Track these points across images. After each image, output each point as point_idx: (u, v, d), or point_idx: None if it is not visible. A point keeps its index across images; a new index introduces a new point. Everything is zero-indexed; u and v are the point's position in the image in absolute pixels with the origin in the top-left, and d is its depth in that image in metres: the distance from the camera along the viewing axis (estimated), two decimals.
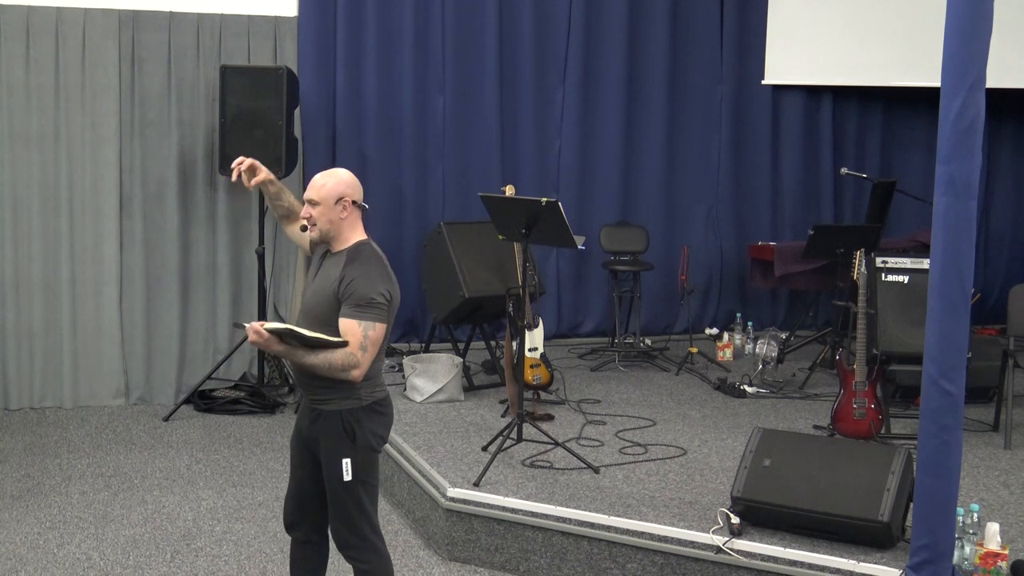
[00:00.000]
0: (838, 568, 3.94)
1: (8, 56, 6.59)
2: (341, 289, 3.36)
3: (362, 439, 3.42)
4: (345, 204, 3.47)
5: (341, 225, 3.48)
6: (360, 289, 3.35)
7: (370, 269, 3.40)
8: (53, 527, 4.89)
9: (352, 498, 3.43)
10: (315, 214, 3.47)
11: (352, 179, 3.54)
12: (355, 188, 3.52)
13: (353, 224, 3.51)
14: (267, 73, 6.57)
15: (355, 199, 3.50)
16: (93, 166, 6.76)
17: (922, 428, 3.71)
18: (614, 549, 4.32)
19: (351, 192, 3.50)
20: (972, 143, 3.54)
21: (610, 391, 6.48)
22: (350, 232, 3.51)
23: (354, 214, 3.51)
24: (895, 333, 5.56)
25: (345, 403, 3.41)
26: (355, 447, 3.41)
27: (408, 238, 7.45)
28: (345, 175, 3.54)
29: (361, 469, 3.43)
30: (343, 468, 3.40)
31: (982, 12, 3.51)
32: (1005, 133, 8.74)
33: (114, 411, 6.77)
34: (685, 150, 8.13)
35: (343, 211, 3.47)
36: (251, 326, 3.29)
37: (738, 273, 8.27)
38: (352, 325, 3.33)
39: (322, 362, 3.30)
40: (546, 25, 7.68)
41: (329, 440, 3.43)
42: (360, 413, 3.43)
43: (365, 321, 3.33)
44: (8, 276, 6.67)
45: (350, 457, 3.41)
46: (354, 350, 3.31)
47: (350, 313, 3.33)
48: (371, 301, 3.33)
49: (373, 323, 3.33)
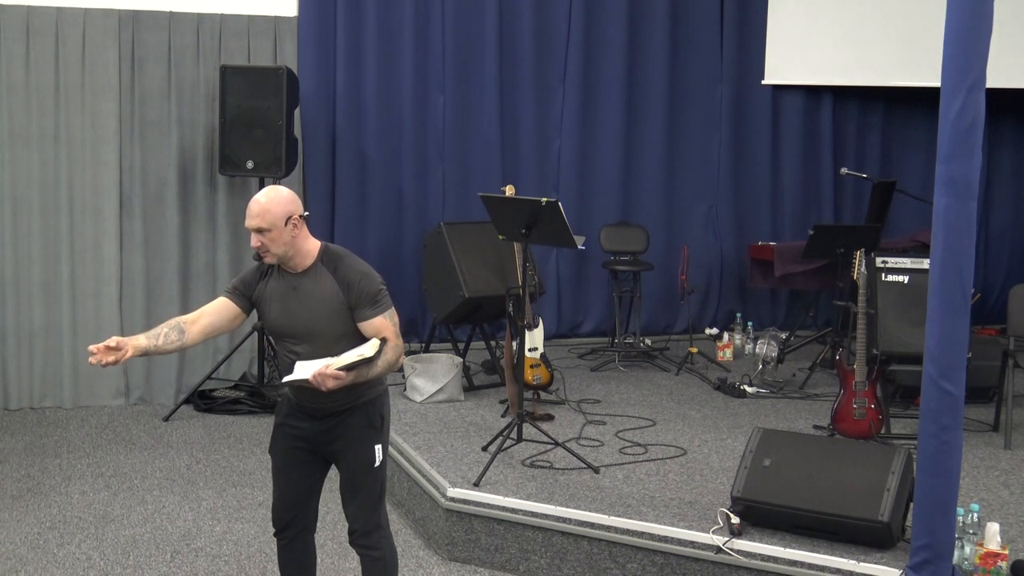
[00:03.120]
0: (838, 568, 3.94)
1: (8, 56, 6.59)
2: (352, 298, 3.37)
3: (386, 422, 3.56)
4: (295, 222, 3.34)
5: (296, 243, 3.36)
6: (367, 287, 3.39)
7: (356, 265, 3.44)
8: (53, 527, 4.89)
9: (379, 483, 3.54)
10: (266, 241, 3.32)
11: (290, 194, 3.40)
12: (296, 202, 3.38)
13: (308, 236, 3.43)
14: (267, 73, 6.57)
15: (301, 213, 3.39)
16: (93, 166, 6.76)
17: (922, 428, 3.71)
18: (614, 549, 4.32)
19: (295, 208, 3.36)
20: (972, 143, 3.54)
21: (610, 391, 6.48)
22: (306, 245, 3.41)
23: (304, 228, 3.40)
24: (895, 333, 5.56)
25: (369, 394, 3.49)
26: (382, 432, 3.54)
27: (408, 238, 7.45)
28: (284, 192, 3.40)
29: (384, 450, 3.55)
30: (375, 453, 3.50)
31: (982, 12, 3.51)
32: (1005, 133, 8.74)
33: (114, 411, 6.77)
34: (685, 150, 8.13)
35: (295, 229, 3.35)
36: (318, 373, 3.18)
37: (738, 273, 8.27)
38: (382, 321, 3.40)
39: (383, 366, 3.38)
40: (546, 25, 7.68)
41: (357, 432, 3.49)
42: (383, 399, 3.56)
43: (386, 312, 3.42)
44: (8, 276, 6.67)
45: (380, 443, 3.53)
46: (396, 341, 3.41)
47: (372, 312, 3.39)
48: (379, 292, 3.41)
49: (391, 309, 3.44)
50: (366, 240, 7.37)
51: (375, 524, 3.54)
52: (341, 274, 3.38)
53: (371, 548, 3.54)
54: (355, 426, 3.48)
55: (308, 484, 3.59)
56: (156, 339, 3.36)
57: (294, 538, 3.65)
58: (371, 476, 3.51)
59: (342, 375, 3.23)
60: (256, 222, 3.31)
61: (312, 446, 3.55)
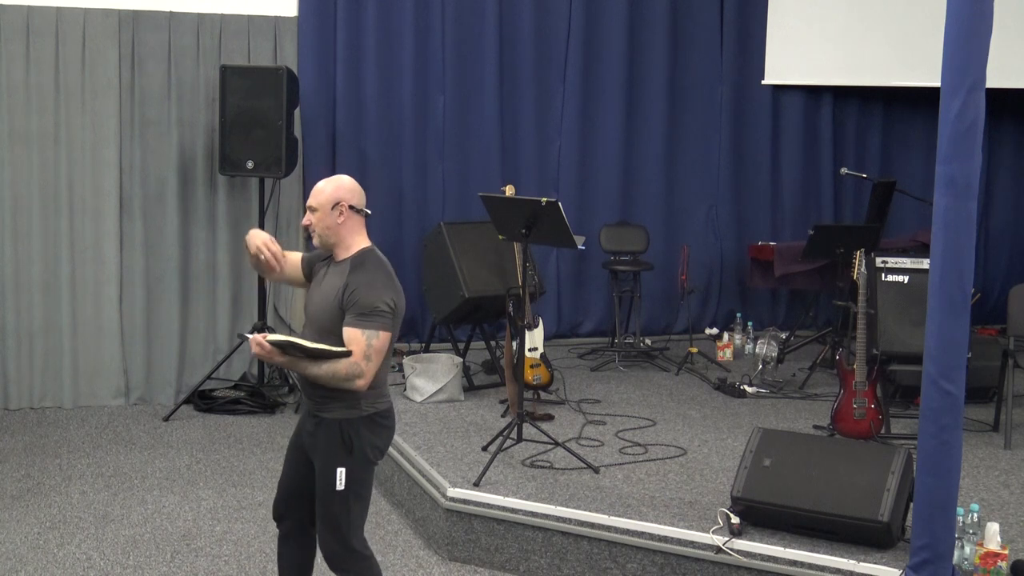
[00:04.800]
0: (838, 568, 3.94)
1: (8, 56, 6.59)
2: (345, 298, 3.33)
3: (359, 450, 3.40)
4: (342, 209, 3.41)
5: (340, 231, 3.43)
6: (364, 297, 3.30)
7: (374, 277, 3.36)
8: (53, 527, 4.89)
9: (343, 508, 3.41)
10: (314, 220, 3.44)
11: (352, 185, 3.49)
12: (354, 193, 3.46)
13: (354, 230, 3.45)
14: (267, 73, 6.57)
15: (352, 204, 3.43)
16: (93, 166, 6.76)
17: (922, 428, 3.71)
18: (614, 549, 4.32)
19: (348, 197, 3.43)
20: (972, 143, 3.54)
21: (610, 391, 6.48)
22: (351, 239, 3.45)
23: (353, 220, 3.44)
24: (895, 333, 5.56)
25: (346, 412, 3.39)
26: (351, 457, 3.39)
27: (408, 238, 7.45)
28: (346, 181, 3.49)
29: (354, 480, 3.41)
30: (337, 477, 3.38)
31: (982, 12, 3.51)
32: (1005, 133, 8.74)
33: (114, 411, 6.77)
34: (685, 150, 8.13)
35: (340, 216, 3.41)
36: (253, 338, 3.25)
37: (738, 273, 8.27)
38: (356, 334, 3.28)
39: (326, 373, 3.27)
40: (546, 25, 7.68)
41: (326, 448, 3.41)
42: (359, 423, 3.40)
43: (369, 330, 3.28)
44: (8, 276, 6.67)
45: (345, 467, 3.39)
46: (358, 359, 3.26)
47: (354, 322, 3.30)
48: (375, 310, 3.29)
49: (377, 332, 3.29)
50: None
51: (344, 549, 3.44)
52: (353, 276, 3.36)
53: (341, 571, 3.48)
54: (327, 442, 3.41)
55: (301, 479, 3.56)
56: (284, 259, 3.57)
57: (291, 530, 3.65)
58: (333, 500, 3.40)
59: (266, 345, 3.23)
60: (311, 200, 3.46)
61: (303, 444, 3.55)
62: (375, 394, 3.42)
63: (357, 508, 3.44)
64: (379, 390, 3.44)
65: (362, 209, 3.47)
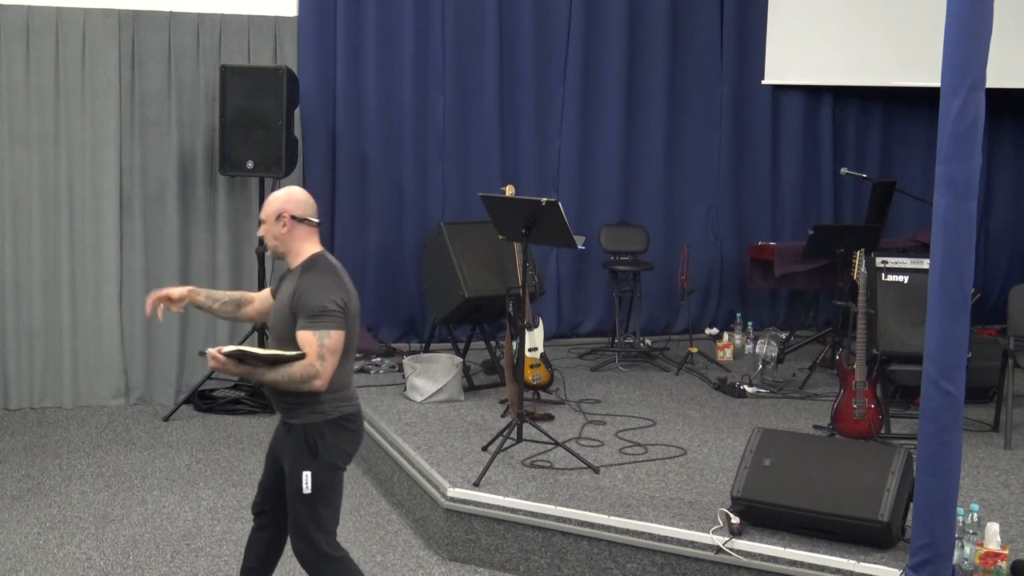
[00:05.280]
0: (838, 568, 3.94)
1: (8, 56, 6.59)
2: (294, 303, 3.39)
3: (324, 454, 3.43)
4: (285, 220, 3.49)
5: (287, 240, 3.51)
6: (312, 300, 3.36)
7: (321, 280, 3.42)
8: (53, 527, 4.89)
9: (310, 512, 3.44)
10: (263, 232, 3.56)
11: (295, 195, 3.55)
12: (298, 204, 3.53)
13: (301, 239, 3.53)
14: (267, 73, 6.57)
15: (295, 214, 3.50)
16: (93, 166, 6.76)
17: (922, 428, 3.70)
18: (614, 549, 4.32)
19: (292, 208, 3.50)
20: (972, 143, 3.54)
21: (610, 391, 6.48)
22: (300, 247, 3.52)
23: (299, 229, 3.51)
24: (895, 333, 5.56)
25: (309, 417, 3.42)
26: (316, 461, 3.42)
27: (408, 238, 7.45)
28: (291, 192, 3.57)
29: (321, 484, 3.44)
30: (303, 481, 3.41)
31: (982, 12, 3.51)
32: (1005, 133, 8.74)
33: (114, 411, 6.77)
34: (685, 150, 8.13)
35: (283, 227, 3.50)
36: (209, 352, 3.32)
37: (738, 273, 8.27)
38: (308, 336, 3.34)
39: (282, 377, 3.31)
40: (546, 25, 7.68)
41: (293, 453, 3.45)
42: (324, 427, 3.43)
43: (320, 330, 3.33)
44: (8, 276, 6.67)
45: (311, 470, 3.42)
46: (312, 360, 3.31)
47: (304, 325, 3.35)
48: (324, 310, 3.34)
49: (328, 331, 3.34)
50: (366, 240, 7.38)
51: (315, 552, 3.47)
52: (301, 280, 3.43)
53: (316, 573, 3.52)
54: (294, 446, 3.45)
55: (277, 481, 3.61)
56: (214, 302, 3.78)
57: (265, 526, 3.71)
58: (299, 503, 3.44)
59: (220, 357, 3.29)
60: (261, 212, 3.60)
61: (279, 455, 3.59)
62: (340, 397, 3.46)
63: (326, 512, 3.48)
64: (343, 393, 3.48)
65: (307, 219, 3.52)
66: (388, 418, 5.80)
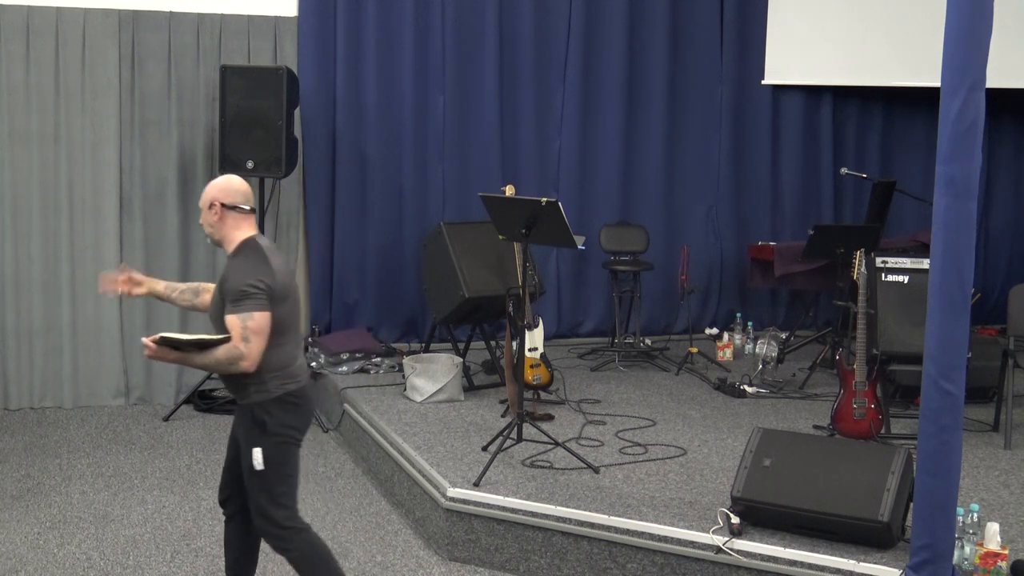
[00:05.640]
0: (838, 568, 3.94)
1: (8, 56, 6.59)
2: (223, 290, 3.50)
3: (273, 430, 3.54)
4: (216, 208, 3.58)
5: (220, 228, 3.60)
6: (233, 284, 3.46)
7: (243, 263, 3.51)
8: (53, 527, 4.89)
9: (264, 488, 3.55)
10: (201, 221, 3.67)
11: (226, 184, 3.64)
12: (228, 192, 3.61)
13: (234, 226, 3.61)
14: (267, 73, 6.57)
15: (225, 202, 3.59)
16: (93, 166, 6.76)
17: (922, 428, 3.71)
18: (614, 549, 4.32)
19: (222, 196, 3.60)
20: (972, 143, 3.54)
21: (610, 391, 6.48)
22: (232, 234, 3.61)
23: (231, 217, 3.60)
24: (895, 333, 5.56)
25: (256, 396, 3.54)
26: (265, 437, 3.53)
27: (408, 238, 7.45)
28: (221, 181, 3.67)
29: (273, 460, 3.54)
30: (254, 457, 3.52)
31: (982, 12, 3.51)
32: (1005, 133, 8.74)
33: (114, 411, 6.78)
34: (685, 150, 8.13)
35: (215, 215, 3.59)
36: (143, 342, 3.42)
37: (738, 273, 8.27)
38: (232, 319, 3.43)
39: (210, 360, 3.44)
40: (546, 25, 7.68)
41: (244, 431, 3.58)
42: (270, 405, 3.54)
43: (242, 313, 3.42)
44: (8, 276, 6.67)
45: (260, 447, 3.53)
46: (237, 343, 3.41)
47: (229, 309, 3.45)
48: (243, 293, 3.43)
49: (250, 313, 3.42)
50: (366, 240, 7.38)
51: (275, 526, 3.59)
52: (228, 266, 3.55)
53: (282, 550, 3.64)
54: (244, 425, 3.59)
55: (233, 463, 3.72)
56: (173, 291, 3.89)
57: (233, 515, 3.82)
58: (254, 480, 3.56)
59: (152, 345, 3.40)
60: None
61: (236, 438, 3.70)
62: (284, 375, 3.56)
63: (281, 488, 3.58)
64: (288, 371, 3.57)
65: (237, 206, 3.60)
66: (388, 418, 5.80)
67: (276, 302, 3.47)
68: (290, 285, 3.58)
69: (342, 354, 6.83)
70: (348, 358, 6.83)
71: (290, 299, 3.56)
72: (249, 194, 3.66)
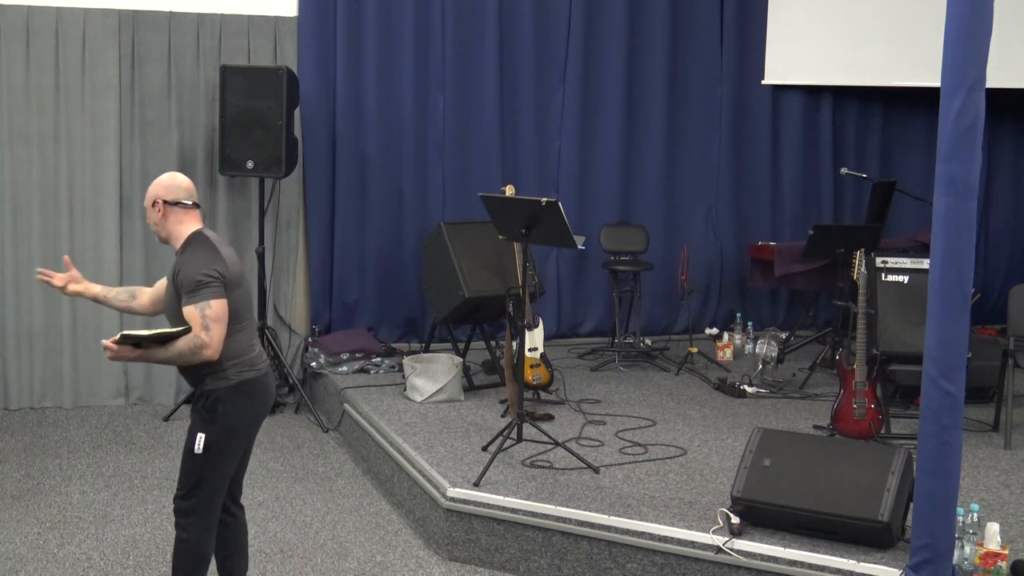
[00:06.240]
0: (838, 568, 3.94)
1: (8, 56, 6.59)
2: (177, 284, 3.55)
3: (223, 419, 3.57)
4: (159, 206, 3.64)
5: (165, 225, 3.67)
6: (187, 276, 3.51)
7: (194, 255, 3.56)
8: (53, 527, 4.89)
9: (196, 471, 3.59)
10: (148, 220, 3.72)
11: (168, 181, 3.69)
12: (169, 189, 3.66)
13: (179, 222, 3.66)
14: (267, 73, 6.57)
15: (167, 199, 3.65)
16: (93, 166, 6.76)
17: (922, 428, 3.71)
18: (614, 549, 4.32)
19: (163, 193, 3.65)
20: (972, 143, 3.54)
21: (610, 391, 6.48)
22: (178, 229, 3.66)
23: (175, 213, 3.65)
24: (895, 333, 5.56)
25: (213, 383, 3.57)
26: (214, 426, 3.57)
27: (408, 238, 7.45)
28: (164, 178, 3.70)
29: (216, 446, 3.57)
30: (197, 441, 3.57)
31: (982, 12, 3.51)
32: (1005, 133, 8.74)
33: (114, 411, 6.78)
34: (685, 150, 8.13)
35: (159, 212, 3.65)
36: (104, 344, 3.46)
37: (738, 273, 8.27)
38: (190, 310, 3.48)
39: (173, 353, 3.47)
40: (546, 25, 7.68)
41: (196, 415, 3.62)
42: (224, 393, 3.58)
43: (199, 302, 3.47)
44: (8, 276, 6.67)
45: (205, 433, 3.57)
46: (197, 332, 3.46)
47: (186, 301, 3.49)
48: (198, 283, 3.48)
49: (207, 301, 3.47)
50: (366, 240, 7.38)
51: (187, 507, 3.64)
52: (179, 260, 3.60)
53: (179, 527, 3.70)
54: (196, 408, 3.63)
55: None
56: (109, 293, 4.02)
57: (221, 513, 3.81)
58: (189, 460, 3.60)
59: (113, 346, 3.42)
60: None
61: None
62: (241, 363, 3.60)
63: (212, 476, 3.62)
64: (245, 359, 3.62)
65: (179, 201, 3.66)
66: (388, 418, 5.80)
67: (229, 290, 3.53)
68: (241, 273, 3.64)
69: (342, 354, 6.83)
70: (348, 358, 6.83)
71: (243, 286, 3.62)
72: (191, 189, 3.70)
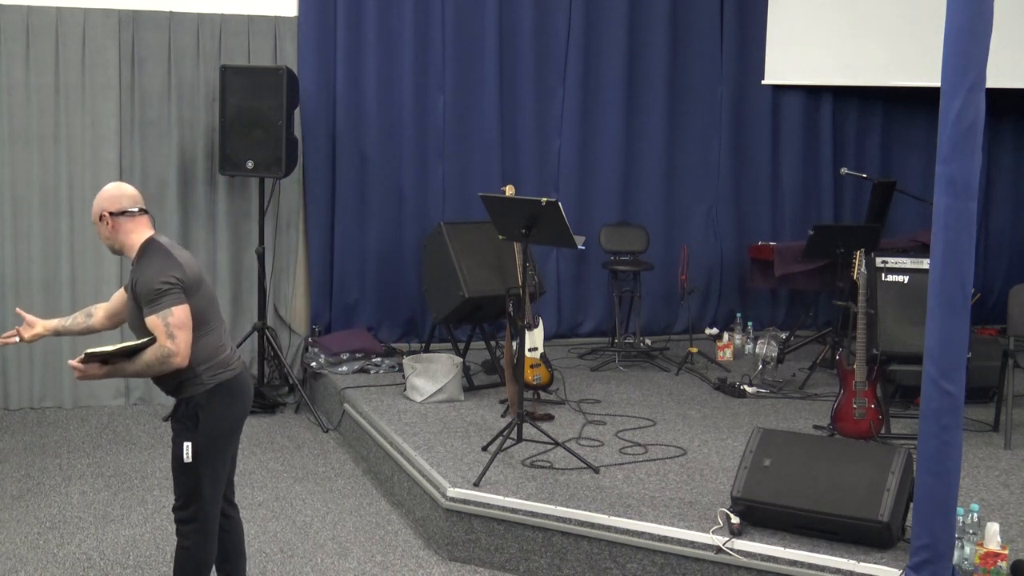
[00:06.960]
0: (838, 568, 3.94)
1: (8, 56, 6.59)
2: (136, 295, 3.50)
3: (206, 424, 3.58)
4: (106, 219, 3.57)
5: (116, 237, 3.59)
6: (144, 287, 3.45)
7: (148, 264, 3.50)
8: (53, 527, 4.89)
9: (190, 480, 3.60)
10: (100, 236, 3.64)
11: (112, 191, 3.60)
12: (113, 200, 3.59)
13: (130, 232, 3.59)
14: (267, 73, 6.57)
15: (112, 210, 3.57)
16: (93, 166, 6.76)
17: (922, 428, 3.71)
18: (614, 549, 4.32)
19: (107, 205, 3.57)
20: (972, 143, 3.54)
21: (610, 391, 6.48)
22: (130, 239, 3.59)
23: (124, 224, 3.58)
24: (895, 333, 5.56)
25: (190, 390, 3.57)
26: (197, 433, 3.58)
27: (408, 238, 7.45)
28: (108, 189, 3.62)
29: (204, 453, 3.59)
30: (184, 450, 3.58)
31: (982, 12, 3.51)
32: (1005, 133, 8.74)
33: (114, 411, 6.78)
34: (685, 150, 8.13)
35: (107, 225, 3.57)
36: (69, 363, 3.47)
37: (738, 273, 8.27)
38: (153, 320, 3.44)
39: (141, 365, 3.47)
40: (546, 25, 7.68)
41: (178, 424, 3.63)
42: (203, 398, 3.58)
43: (161, 311, 3.43)
44: (8, 276, 6.67)
45: (191, 441, 3.58)
46: (163, 342, 3.43)
47: (147, 311, 3.45)
48: (157, 291, 3.43)
49: (169, 309, 3.43)
50: (366, 240, 7.38)
51: (187, 516, 3.65)
52: (134, 271, 3.54)
53: (181, 536, 3.69)
54: (178, 418, 3.63)
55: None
56: (66, 322, 4.01)
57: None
58: (180, 471, 3.61)
59: (80, 366, 3.44)
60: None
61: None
62: (215, 365, 3.59)
63: (206, 483, 3.63)
64: (218, 360, 3.60)
65: (125, 211, 3.58)
66: (388, 418, 5.80)
67: (190, 294, 3.49)
68: (199, 275, 3.58)
69: (342, 354, 6.83)
70: (348, 358, 6.83)
71: (203, 288, 3.57)
72: (136, 197, 3.62)
